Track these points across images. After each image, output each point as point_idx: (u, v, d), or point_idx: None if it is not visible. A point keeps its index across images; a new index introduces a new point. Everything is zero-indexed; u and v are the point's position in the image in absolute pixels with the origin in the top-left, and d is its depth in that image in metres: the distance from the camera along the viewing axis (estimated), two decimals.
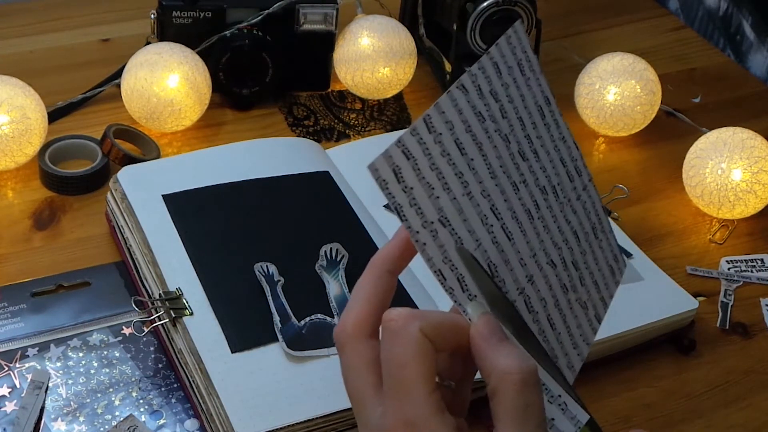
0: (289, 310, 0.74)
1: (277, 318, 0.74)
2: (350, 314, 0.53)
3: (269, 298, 0.75)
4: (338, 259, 0.78)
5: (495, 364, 0.49)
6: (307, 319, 0.74)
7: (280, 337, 0.72)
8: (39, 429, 0.70)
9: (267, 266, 0.77)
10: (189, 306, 0.74)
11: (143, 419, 0.71)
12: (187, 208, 0.82)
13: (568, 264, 0.54)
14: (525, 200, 0.52)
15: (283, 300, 0.75)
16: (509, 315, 0.51)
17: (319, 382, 0.71)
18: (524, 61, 0.54)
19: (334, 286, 0.77)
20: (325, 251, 0.78)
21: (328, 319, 0.74)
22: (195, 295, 0.75)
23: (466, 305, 0.50)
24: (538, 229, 0.52)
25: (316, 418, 0.69)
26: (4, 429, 0.70)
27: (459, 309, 0.50)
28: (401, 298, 0.77)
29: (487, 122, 0.51)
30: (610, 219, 0.90)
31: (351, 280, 0.77)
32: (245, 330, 0.73)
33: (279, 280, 0.76)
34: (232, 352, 0.72)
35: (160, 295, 0.76)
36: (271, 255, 0.78)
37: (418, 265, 0.81)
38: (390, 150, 0.49)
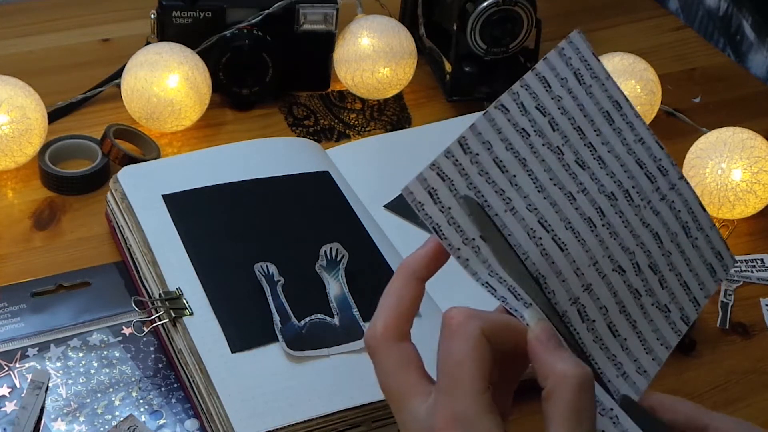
0: (289, 310, 0.74)
1: (277, 318, 0.74)
2: (379, 320, 0.54)
3: (269, 298, 0.75)
4: (338, 259, 0.78)
5: (553, 367, 0.49)
6: (307, 319, 0.74)
7: (280, 337, 0.72)
8: (39, 429, 0.70)
9: (267, 266, 0.77)
10: (189, 306, 0.74)
11: (143, 419, 0.71)
12: (187, 208, 0.82)
13: (643, 268, 0.55)
14: (584, 209, 0.53)
15: (283, 300, 0.75)
16: (557, 325, 0.51)
17: (319, 382, 0.71)
18: (583, 70, 0.55)
19: (334, 286, 0.77)
20: (325, 251, 0.78)
21: (328, 319, 0.74)
22: (195, 295, 0.75)
23: (522, 311, 0.50)
24: (602, 236, 0.53)
25: (316, 418, 0.69)
26: (4, 429, 0.70)
27: (515, 315, 0.51)
28: None
29: (532, 138, 0.52)
30: None
31: (351, 280, 0.77)
32: (245, 330, 0.73)
33: (279, 280, 0.76)
34: (232, 352, 0.72)
35: (160, 295, 0.76)
36: (271, 255, 0.78)
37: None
38: (424, 173, 0.49)
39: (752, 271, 0.90)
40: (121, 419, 0.71)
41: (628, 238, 0.54)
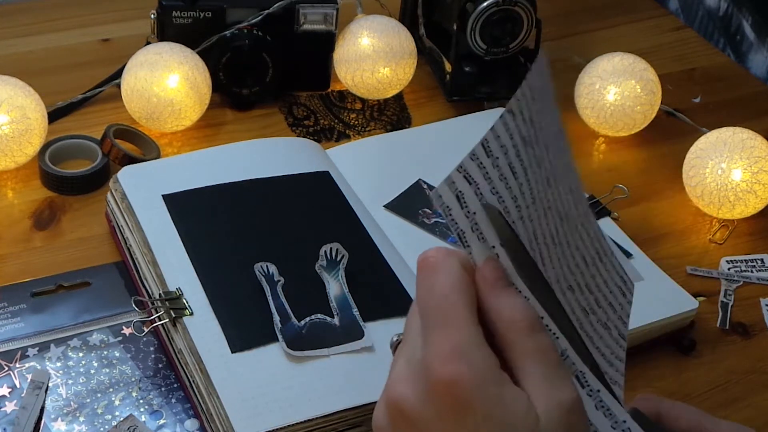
0: (289, 310, 0.74)
1: (277, 318, 0.73)
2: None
3: (269, 298, 0.75)
4: (338, 259, 0.78)
5: (499, 313, 0.48)
6: (307, 319, 0.74)
7: (280, 337, 0.72)
8: (39, 429, 0.70)
9: (267, 266, 0.77)
10: (189, 306, 0.74)
11: (143, 419, 0.71)
12: (187, 208, 0.82)
13: (583, 287, 0.55)
14: (551, 226, 0.52)
15: (283, 300, 0.75)
16: (574, 335, 0.51)
17: (319, 382, 0.71)
18: (547, 89, 0.54)
19: (334, 286, 0.77)
20: (325, 251, 0.78)
21: (328, 319, 0.74)
22: (195, 295, 0.75)
23: (472, 250, 0.49)
24: (559, 254, 0.53)
25: (316, 418, 0.69)
26: (4, 429, 0.70)
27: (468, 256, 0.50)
28: (401, 298, 0.77)
29: (528, 147, 0.51)
30: (611, 218, 0.90)
31: (351, 280, 0.77)
32: (245, 330, 0.73)
33: (279, 280, 0.76)
34: (233, 352, 0.72)
35: (160, 295, 0.76)
36: (271, 255, 0.78)
37: (414, 263, 0.82)
38: (452, 175, 0.49)
39: (752, 271, 0.90)
40: (121, 419, 0.71)
41: (570, 259, 0.54)
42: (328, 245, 0.78)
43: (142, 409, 0.72)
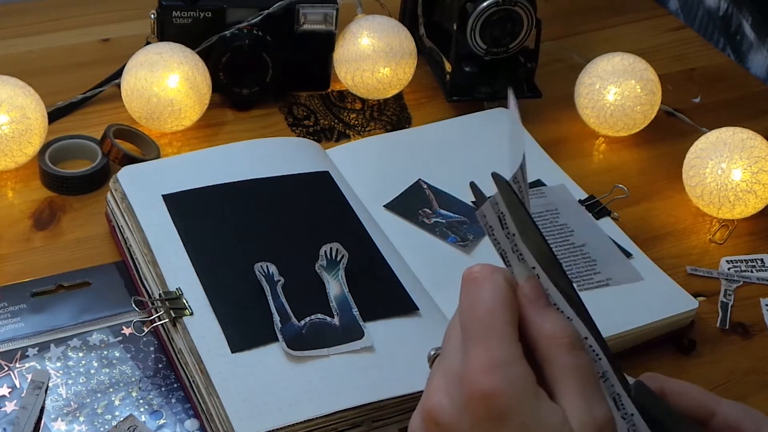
0: (289, 310, 0.74)
1: (277, 318, 0.73)
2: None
3: (269, 298, 0.75)
4: (338, 258, 0.78)
5: (541, 328, 0.49)
6: (307, 319, 0.74)
7: (280, 337, 0.72)
8: (39, 429, 0.70)
9: (267, 266, 0.77)
10: (189, 306, 0.74)
11: (143, 419, 0.71)
12: (187, 208, 0.82)
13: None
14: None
15: (283, 300, 0.75)
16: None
17: (319, 382, 0.71)
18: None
19: (334, 286, 0.77)
20: (325, 251, 0.78)
21: (328, 319, 0.74)
22: (195, 295, 0.75)
23: (520, 279, 0.51)
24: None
25: (316, 418, 0.69)
26: (4, 429, 0.70)
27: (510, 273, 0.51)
28: (401, 298, 0.77)
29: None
30: (611, 218, 0.90)
31: (351, 279, 0.77)
32: (245, 330, 0.73)
33: (279, 280, 0.76)
34: (233, 352, 0.72)
35: (160, 295, 0.76)
36: (271, 255, 0.78)
37: (418, 265, 0.82)
38: (495, 197, 0.50)
39: (752, 271, 0.90)
40: (121, 419, 0.71)
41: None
42: (328, 245, 0.78)
43: (142, 409, 0.72)
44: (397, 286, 0.78)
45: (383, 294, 0.78)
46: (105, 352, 0.76)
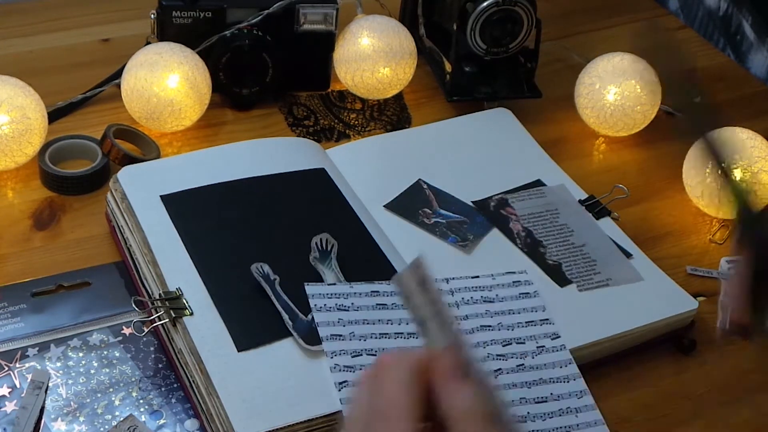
0: (295, 307, 0.74)
1: (286, 316, 0.73)
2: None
3: (272, 298, 0.75)
4: (329, 248, 0.78)
5: (452, 404, 0.49)
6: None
7: (295, 335, 0.72)
8: (39, 429, 0.70)
9: (262, 266, 0.77)
10: (189, 306, 0.74)
11: (143, 419, 0.71)
12: (187, 208, 0.82)
13: None
14: None
15: (286, 298, 0.75)
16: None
17: (319, 383, 0.71)
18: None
19: (329, 276, 0.77)
20: (316, 243, 0.79)
21: None
22: (195, 294, 0.75)
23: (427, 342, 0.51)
24: None
25: (316, 418, 0.69)
26: (4, 429, 0.70)
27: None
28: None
29: None
30: (611, 218, 0.90)
31: (343, 266, 0.78)
32: (250, 328, 0.73)
33: (275, 278, 0.76)
34: (239, 351, 0.72)
35: (160, 295, 0.76)
36: (272, 252, 0.78)
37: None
38: (416, 261, 0.51)
39: None
40: (121, 419, 0.71)
41: None
42: (318, 237, 0.79)
43: (142, 409, 0.72)
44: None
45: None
46: (105, 352, 0.76)
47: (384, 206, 0.88)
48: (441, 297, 0.51)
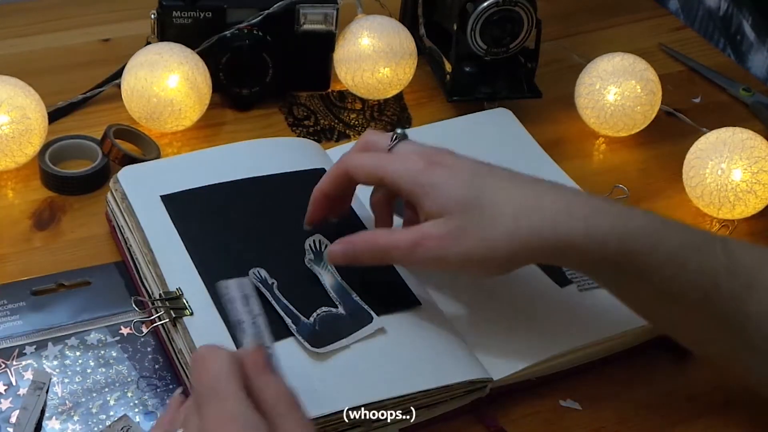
0: (296, 310, 0.74)
1: (288, 320, 0.73)
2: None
3: (273, 302, 0.75)
4: (322, 249, 0.78)
5: (264, 392, 0.58)
6: (315, 314, 0.74)
7: (300, 338, 0.72)
8: (40, 430, 0.70)
9: (259, 271, 0.77)
10: (189, 306, 0.74)
11: (137, 420, 0.71)
12: (187, 208, 0.82)
13: None
14: None
15: (286, 301, 0.75)
16: None
17: (319, 383, 0.71)
18: None
19: (326, 277, 0.77)
20: (310, 244, 0.79)
21: (333, 309, 0.75)
22: (195, 295, 0.75)
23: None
24: None
25: (317, 418, 0.69)
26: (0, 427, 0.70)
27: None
28: (396, 280, 0.79)
29: None
30: None
31: (342, 266, 0.78)
32: None
33: (273, 282, 0.76)
34: None
35: (160, 295, 0.76)
36: (272, 253, 0.78)
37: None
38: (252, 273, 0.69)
39: None
40: (115, 419, 0.71)
41: None
42: (311, 238, 0.79)
43: (136, 410, 0.72)
44: (394, 274, 0.79)
45: (382, 282, 0.78)
46: (102, 352, 0.76)
47: None
48: (260, 309, 0.64)
